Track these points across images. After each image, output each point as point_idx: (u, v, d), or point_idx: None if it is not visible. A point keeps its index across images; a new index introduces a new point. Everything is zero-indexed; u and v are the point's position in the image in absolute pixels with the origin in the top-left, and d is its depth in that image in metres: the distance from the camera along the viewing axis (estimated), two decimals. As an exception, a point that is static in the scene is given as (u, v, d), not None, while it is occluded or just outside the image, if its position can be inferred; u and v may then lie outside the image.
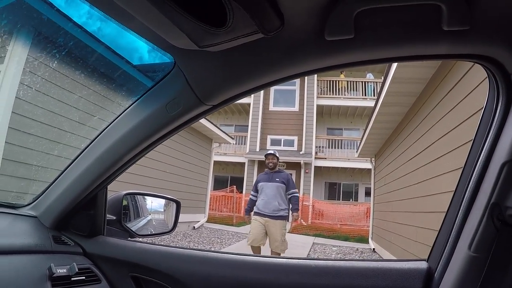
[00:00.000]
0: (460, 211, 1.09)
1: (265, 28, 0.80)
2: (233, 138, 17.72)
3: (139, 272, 1.45)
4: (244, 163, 20.72)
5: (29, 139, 5.55)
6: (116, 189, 1.58)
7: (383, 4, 0.77)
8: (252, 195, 7.05)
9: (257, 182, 7.03)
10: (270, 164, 6.82)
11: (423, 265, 1.22)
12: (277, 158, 6.93)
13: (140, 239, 1.71)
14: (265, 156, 7.04)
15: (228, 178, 23.09)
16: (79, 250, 1.48)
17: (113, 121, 1.35)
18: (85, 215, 1.52)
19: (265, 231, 6.59)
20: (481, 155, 1.04)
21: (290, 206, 6.93)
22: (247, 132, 21.44)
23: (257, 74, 1.06)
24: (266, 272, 1.33)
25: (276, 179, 6.71)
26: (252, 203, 6.97)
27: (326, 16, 0.82)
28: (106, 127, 1.38)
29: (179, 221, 1.94)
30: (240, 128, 23.11)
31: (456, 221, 1.10)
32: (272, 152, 6.93)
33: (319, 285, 1.24)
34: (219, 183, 22.17)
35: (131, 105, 1.31)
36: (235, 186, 19.49)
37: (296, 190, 6.99)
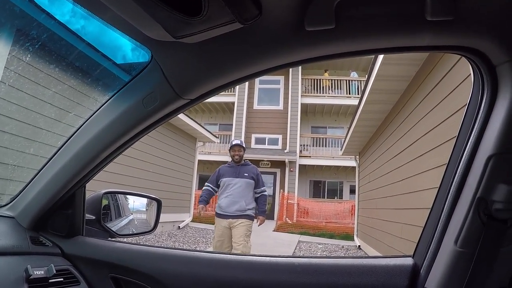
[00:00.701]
0: (446, 206, 1.08)
1: (242, 17, 0.77)
2: (217, 137, 17.65)
3: (119, 272, 1.42)
4: (227, 161, 20.67)
5: (3, 137, 5.43)
6: (97, 189, 1.54)
7: None
8: (209, 187, 5.97)
9: (219, 175, 5.92)
10: (236, 156, 5.82)
11: (409, 261, 1.21)
12: (244, 149, 5.94)
13: (121, 239, 1.68)
14: (230, 147, 5.98)
15: (213, 177, 23.01)
16: (57, 251, 1.44)
17: (89, 117, 1.32)
18: (63, 215, 1.48)
19: (231, 234, 5.69)
20: (466, 149, 1.03)
21: (257, 206, 5.84)
22: (232, 130, 21.39)
23: (236, 66, 1.03)
24: (250, 270, 1.31)
25: (245, 174, 5.74)
26: (209, 194, 5.97)
27: (306, 5, 0.79)
28: (83, 124, 1.34)
29: (164, 221, 1.94)
30: (224, 126, 23.05)
31: (442, 216, 1.09)
32: (238, 142, 5.93)
33: (304, 283, 1.23)
34: (204, 182, 21.99)
35: (108, 100, 1.28)
36: (220, 185, 19.42)
37: (265, 188, 6.03)
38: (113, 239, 1.66)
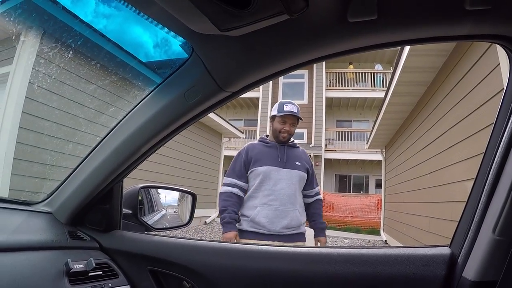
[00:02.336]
0: (483, 195, 1.08)
1: (290, 8, 0.78)
2: (242, 132, 17.71)
3: (157, 265, 1.44)
4: (254, 156, 20.72)
5: (40, 138, 5.59)
6: (126, 186, 1.57)
7: None
8: (234, 186, 3.19)
9: (249, 160, 3.24)
10: (285, 134, 3.22)
11: (446, 250, 1.21)
12: (298, 123, 3.35)
13: (156, 233, 1.70)
14: (275, 115, 3.26)
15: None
16: (96, 245, 1.48)
17: (129, 112, 1.34)
18: (101, 210, 1.51)
19: None
20: (503, 137, 1.03)
21: (311, 217, 3.41)
22: (257, 126, 21.41)
23: (278, 58, 1.03)
24: (289, 261, 1.31)
25: (296, 163, 3.24)
26: (236, 203, 3.18)
27: None
28: (122, 119, 1.36)
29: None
30: (249, 122, 23.09)
31: (479, 205, 1.09)
32: (294, 109, 3.24)
33: (344, 273, 1.23)
34: (230, 178, 22.17)
35: (148, 95, 1.29)
36: (245, 180, 19.49)
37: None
38: (149, 232, 1.68)
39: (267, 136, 3.42)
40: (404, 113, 8.72)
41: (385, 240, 11.59)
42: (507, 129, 1.02)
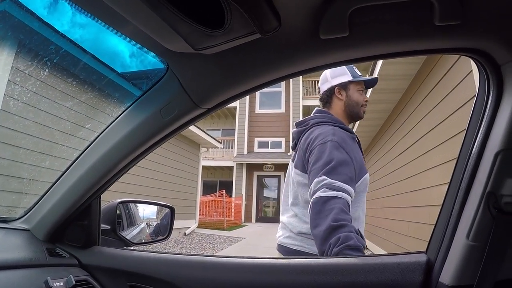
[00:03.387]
0: (456, 201, 1.10)
1: (263, 28, 0.80)
2: (220, 142, 17.71)
3: (137, 281, 1.42)
4: (232, 167, 20.72)
5: (18, 151, 5.49)
6: (104, 198, 1.56)
7: (377, 1, 0.78)
8: (346, 192, 1.66)
9: (354, 159, 1.85)
10: (366, 106, 2.19)
11: (422, 257, 1.22)
12: None
13: (136, 248, 1.69)
14: (352, 77, 2.13)
15: (217, 182, 23.10)
16: (75, 261, 1.45)
17: (105, 129, 1.33)
18: (79, 226, 1.49)
19: None
20: (475, 145, 1.06)
21: None
22: (234, 135, 21.45)
23: (253, 75, 1.05)
24: (265, 273, 1.30)
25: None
26: (344, 213, 1.59)
27: (321, 15, 0.82)
28: (99, 135, 1.35)
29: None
30: (227, 132, 23.13)
31: (453, 211, 1.11)
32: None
33: (322, 283, 1.23)
34: (208, 188, 22.15)
35: (124, 111, 1.29)
36: (224, 190, 19.50)
37: None
38: (128, 248, 1.66)
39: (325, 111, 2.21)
40: (381, 120, 8.86)
41: (366, 245, 11.66)
42: (478, 137, 1.05)
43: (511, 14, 0.79)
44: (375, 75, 6.43)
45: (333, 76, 2.18)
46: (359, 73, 2.18)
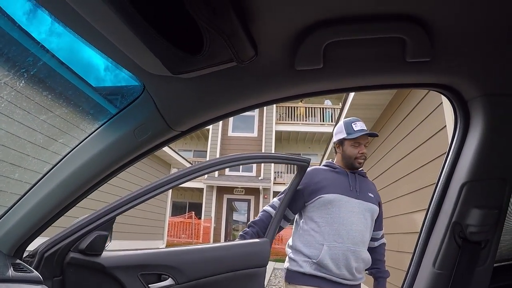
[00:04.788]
0: (423, 230, 1.15)
1: (240, 57, 0.82)
2: (191, 164, 17.58)
3: (146, 270, 1.90)
4: (203, 189, 20.51)
5: None
6: (71, 214, 1.59)
7: (351, 36, 0.81)
8: (270, 209, 2.65)
9: (311, 184, 2.57)
10: (362, 158, 2.60)
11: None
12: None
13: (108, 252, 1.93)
14: (346, 135, 2.59)
15: (187, 204, 22.80)
16: (39, 278, 1.43)
17: (78, 145, 1.32)
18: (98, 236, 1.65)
19: None
20: (442, 177, 1.11)
21: (373, 263, 2.66)
22: (206, 157, 21.31)
23: (228, 101, 1.06)
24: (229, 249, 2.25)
25: (369, 195, 2.62)
26: (262, 223, 2.58)
27: (296, 48, 0.85)
28: (71, 151, 1.34)
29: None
30: (198, 153, 22.98)
31: (420, 240, 1.15)
32: (362, 124, 2.64)
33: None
34: (177, 209, 21.84)
35: (98, 128, 1.28)
36: (193, 212, 19.26)
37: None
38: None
39: (332, 161, 2.72)
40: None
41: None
42: (445, 169, 1.10)
43: (477, 54, 0.85)
44: (348, 104, 6.59)
45: (335, 133, 2.71)
46: (355, 129, 2.57)
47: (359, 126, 2.58)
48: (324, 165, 2.69)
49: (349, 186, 2.53)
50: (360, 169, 2.66)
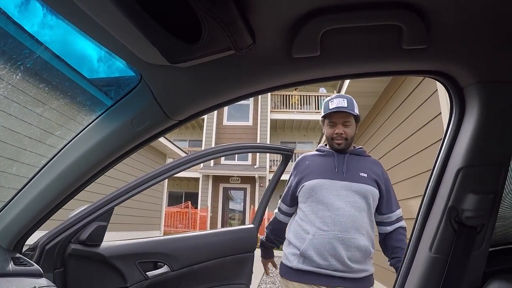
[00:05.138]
0: (420, 215, 1.17)
1: (238, 45, 0.82)
2: (187, 153, 17.58)
3: (142, 258, 2.07)
4: (199, 178, 20.55)
5: None
6: (68, 207, 1.60)
7: (348, 24, 0.81)
8: (278, 211, 2.67)
9: (297, 174, 2.50)
10: (339, 138, 2.37)
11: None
12: (356, 120, 2.45)
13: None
14: (323, 113, 2.45)
15: (183, 193, 22.85)
16: (39, 271, 1.45)
17: (75, 137, 1.32)
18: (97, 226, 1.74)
19: None
20: (437, 162, 1.12)
21: (391, 252, 2.36)
22: (201, 147, 21.32)
23: (225, 89, 1.06)
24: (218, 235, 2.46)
25: (361, 174, 2.35)
26: (274, 230, 2.69)
27: (294, 35, 0.85)
28: (68, 143, 1.34)
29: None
30: (194, 143, 22.97)
31: (416, 225, 1.17)
32: (344, 100, 2.35)
33: None
34: (174, 199, 21.89)
35: (95, 120, 1.28)
36: (189, 202, 19.31)
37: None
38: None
39: (325, 145, 2.53)
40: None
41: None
42: (441, 154, 1.12)
43: (473, 41, 0.86)
44: (343, 91, 6.58)
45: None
46: (330, 107, 2.37)
47: (335, 103, 2.35)
48: (315, 150, 2.58)
49: (334, 168, 2.35)
50: (359, 147, 2.51)
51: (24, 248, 1.53)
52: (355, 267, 2.20)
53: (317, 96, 21.20)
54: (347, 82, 6.27)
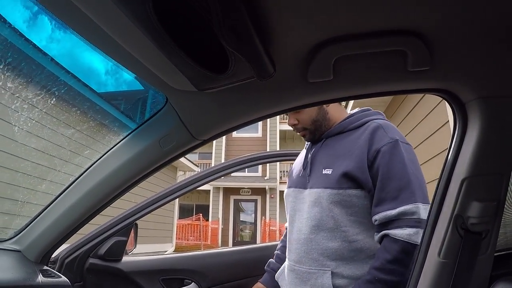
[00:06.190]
0: (428, 222, 1.22)
1: (260, 75, 0.90)
2: (197, 166, 17.65)
3: (166, 274, 2.02)
4: (209, 190, 20.58)
5: (16, 175, 5.55)
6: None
7: (358, 51, 0.89)
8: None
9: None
10: (295, 130, 1.72)
11: None
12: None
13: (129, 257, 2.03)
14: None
15: (193, 206, 22.86)
16: (67, 282, 1.51)
17: (103, 156, 1.39)
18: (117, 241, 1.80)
19: None
20: (443, 173, 1.18)
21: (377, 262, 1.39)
22: (211, 159, 21.39)
23: (246, 111, 1.14)
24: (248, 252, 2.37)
25: (324, 171, 1.54)
26: (282, 247, 1.94)
27: (309, 62, 0.92)
28: (96, 161, 1.40)
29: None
30: (204, 155, 23.00)
31: (425, 232, 1.23)
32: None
33: None
34: (185, 212, 21.88)
35: (122, 140, 1.35)
36: (201, 214, 19.33)
37: (416, 205, 1.38)
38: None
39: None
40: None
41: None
42: (446, 166, 1.18)
43: (472, 60, 0.93)
44: (350, 104, 6.67)
45: None
46: None
47: None
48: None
49: (301, 169, 1.73)
50: (357, 110, 1.70)
51: None
52: None
53: (326, 106, 21.20)
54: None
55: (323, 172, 1.56)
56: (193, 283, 2.04)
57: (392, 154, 1.46)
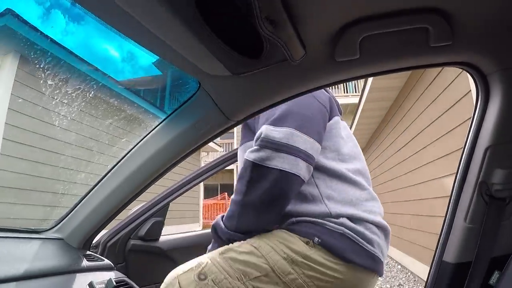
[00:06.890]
0: (454, 190, 1.27)
1: (293, 57, 0.95)
2: (220, 146, 17.77)
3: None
4: (233, 169, 20.73)
5: (52, 170, 5.80)
6: None
7: (382, 30, 0.93)
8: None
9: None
10: None
11: None
12: None
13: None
14: None
15: (218, 185, 23.10)
16: (111, 265, 1.59)
17: (139, 142, 1.43)
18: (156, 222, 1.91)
19: None
20: (467, 142, 1.23)
21: None
22: (233, 138, 21.49)
23: (278, 91, 1.19)
24: None
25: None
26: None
27: (336, 43, 0.97)
28: (132, 148, 1.45)
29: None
30: (226, 135, 23.06)
31: (451, 199, 1.28)
32: None
33: None
34: (209, 192, 22.12)
35: (157, 126, 1.39)
36: (226, 193, 19.53)
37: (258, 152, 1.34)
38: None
39: None
40: (378, 117, 8.97)
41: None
42: (470, 135, 1.22)
43: (492, 33, 0.96)
44: (368, 86, 6.68)
45: None
46: None
47: None
48: None
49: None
50: None
51: None
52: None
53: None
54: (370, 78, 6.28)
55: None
56: None
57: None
